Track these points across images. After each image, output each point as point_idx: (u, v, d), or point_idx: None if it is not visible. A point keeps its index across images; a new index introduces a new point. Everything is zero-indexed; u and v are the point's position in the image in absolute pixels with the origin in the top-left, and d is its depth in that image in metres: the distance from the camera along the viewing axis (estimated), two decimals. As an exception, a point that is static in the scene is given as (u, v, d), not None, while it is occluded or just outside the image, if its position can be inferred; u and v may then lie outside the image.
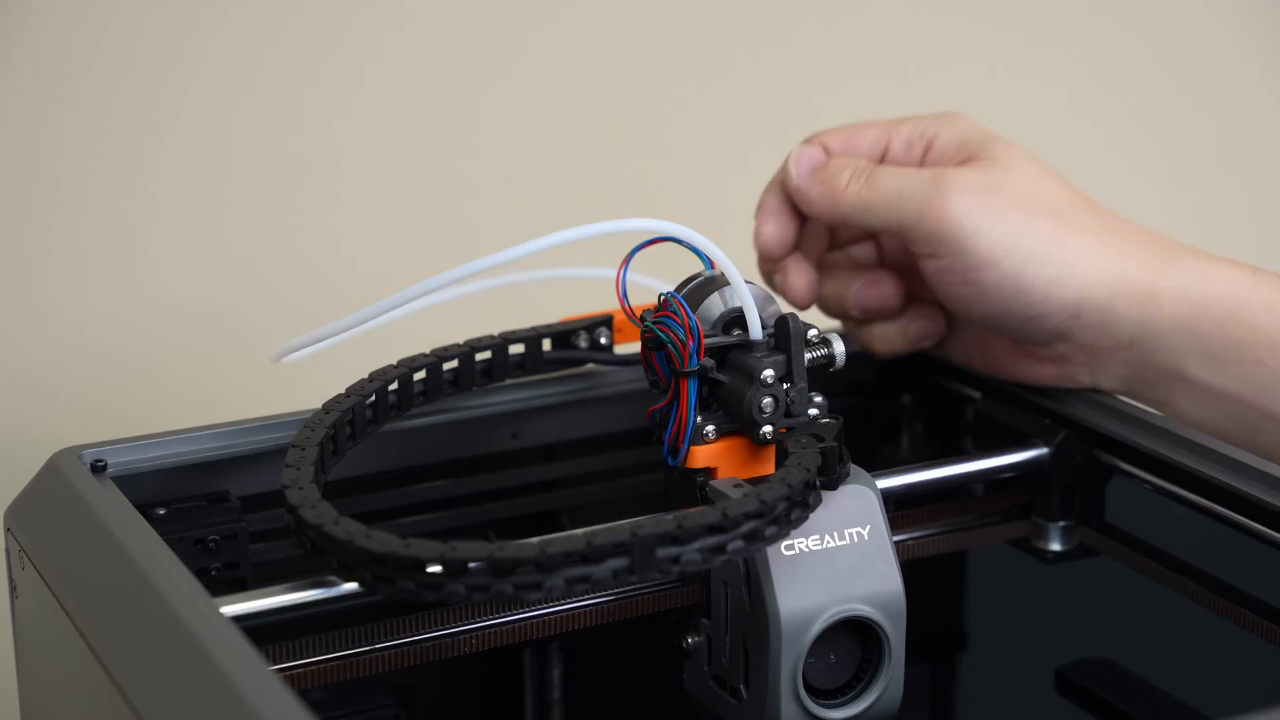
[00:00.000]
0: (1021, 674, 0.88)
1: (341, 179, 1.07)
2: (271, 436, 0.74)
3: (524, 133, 1.11)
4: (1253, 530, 0.72)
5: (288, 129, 1.05)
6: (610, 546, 0.60)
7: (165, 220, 1.03)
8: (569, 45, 1.12)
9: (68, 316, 1.01)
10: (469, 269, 0.68)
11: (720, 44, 1.16)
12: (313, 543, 0.63)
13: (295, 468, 0.66)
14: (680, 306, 0.69)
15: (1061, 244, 0.76)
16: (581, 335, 0.80)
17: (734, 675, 0.68)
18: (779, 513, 0.63)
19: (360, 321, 0.73)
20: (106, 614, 0.63)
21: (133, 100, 1.01)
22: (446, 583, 0.59)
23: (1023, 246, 0.76)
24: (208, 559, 0.72)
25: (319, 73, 1.06)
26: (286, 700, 0.55)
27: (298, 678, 0.67)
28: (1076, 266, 0.76)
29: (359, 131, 1.07)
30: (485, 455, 0.80)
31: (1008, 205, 0.77)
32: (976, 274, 0.76)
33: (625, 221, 0.68)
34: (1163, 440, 0.76)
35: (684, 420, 0.69)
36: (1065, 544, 0.80)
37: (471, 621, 0.70)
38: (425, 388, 0.75)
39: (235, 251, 1.05)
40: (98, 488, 0.69)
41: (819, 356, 0.71)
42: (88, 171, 1.01)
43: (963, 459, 0.80)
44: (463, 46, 1.09)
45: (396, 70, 1.08)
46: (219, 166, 1.04)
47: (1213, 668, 0.81)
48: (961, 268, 0.77)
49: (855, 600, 0.67)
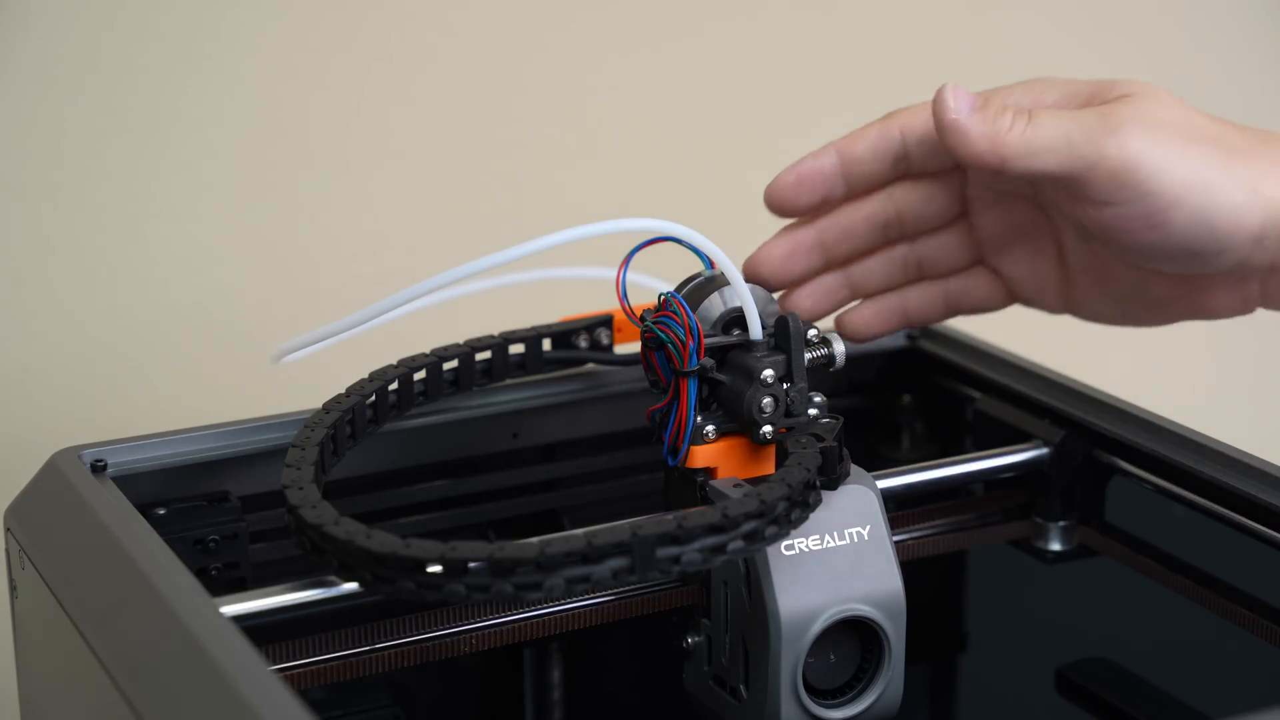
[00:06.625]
0: (1021, 674, 0.88)
1: (341, 179, 1.07)
2: (271, 436, 0.74)
3: (524, 133, 1.11)
4: (1253, 530, 0.72)
5: (288, 129, 1.05)
6: (610, 546, 0.60)
7: (165, 220, 1.03)
8: (569, 45, 1.12)
9: (68, 316, 1.01)
10: (469, 269, 0.68)
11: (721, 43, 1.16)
12: (313, 543, 0.63)
13: (295, 468, 0.66)
14: (680, 306, 0.69)
15: (1235, 170, 0.72)
16: (581, 335, 0.80)
17: (734, 675, 0.68)
18: (779, 513, 0.63)
19: (360, 321, 0.72)
20: (106, 614, 0.63)
21: (133, 100, 1.01)
22: (446, 583, 0.59)
23: (1204, 179, 0.71)
24: (208, 559, 0.72)
25: (319, 73, 1.06)
26: (286, 700, 0.55)
27: (298, 678, 0.67)
28: (1257, 190, 0.72)
29: (359, 132, 1.07)
30: (485, 455, 0.80)
31: (1179, 138, 0.72)
32: (1164, 215, 0.71)
33: (625, 221, 0.68)
34: (1163, 440, 0.76)
35: (684, 420, 0.69)
36: (1065, 544, 0.80)
37: (471, 621, 0.70)
38: (425, 388, 0.75)
39: (235, 251, 1.05)
40: (98, 488, 0.69)
41: (819, 356, 0.71)
42: (88, 171, 1.01)
43: (963, 459, 0.79)
44: (463, 47, 1.09)
45: (397, 70, 1.08)
46: (219, 166, 1.04)
47: (1213, 668, 0.81)
48: (1145, 212, 0.71)
49: (855, 600, 0.67)
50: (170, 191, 1.03)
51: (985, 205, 0.79)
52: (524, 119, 1.11)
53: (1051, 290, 0.80)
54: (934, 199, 0.79)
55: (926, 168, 0.78)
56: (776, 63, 1.17)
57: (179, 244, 1.04)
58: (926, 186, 0.79)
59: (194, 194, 1.04)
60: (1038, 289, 0.80)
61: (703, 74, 1.16)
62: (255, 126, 1.04)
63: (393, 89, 1.08)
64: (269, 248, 1.06)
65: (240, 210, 1.05)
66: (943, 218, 0.79)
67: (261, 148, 1.05)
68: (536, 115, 1.12)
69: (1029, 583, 0.86)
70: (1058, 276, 0.79)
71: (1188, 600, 0.76)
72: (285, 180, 1.06)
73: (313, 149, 1.06)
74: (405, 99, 1.08)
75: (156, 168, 1.03)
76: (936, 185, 0.79)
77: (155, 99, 1.02)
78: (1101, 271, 0.78)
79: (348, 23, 1.06)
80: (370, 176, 1.08)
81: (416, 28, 1.08)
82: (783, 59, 1.17)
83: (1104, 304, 0.79)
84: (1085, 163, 0.71)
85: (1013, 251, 0.80)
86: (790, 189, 0.77)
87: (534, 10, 1.11)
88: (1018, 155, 0.72)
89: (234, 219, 1.05)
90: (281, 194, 1.06)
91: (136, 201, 1.02)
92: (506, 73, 1.10)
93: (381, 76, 1.07)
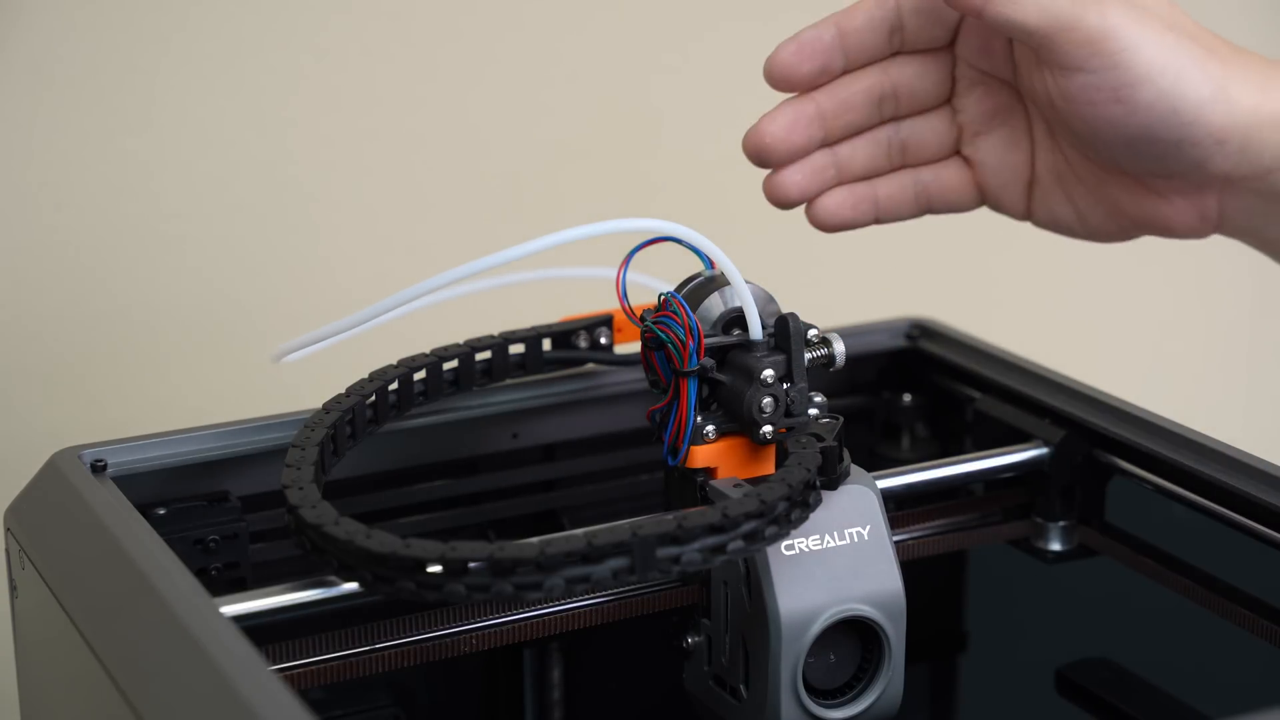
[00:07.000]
0: (1021, 674, 0.88)
1: (342, 179, 1.07)
2: (271, 436, 0.74)
3: (524, 132, 1.11)
4: (1253, 530, 0.72)
5: (288, 129, 1.05)
6: (610, 546, 0.60)
7: (165, 220, 1.03)
8: (570, 45, 1.12)
9: (68, 316, 1.02)
10: (469, 269, 0.68)
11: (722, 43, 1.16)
12: (313, 543, 0.63)
13: (295, 468, 0.66)
14: (680, 306, 0.69)
15: (1209, 66, 0.73)
16: (581, 335, 0.80)
17: (734, 675, 0.68)
18: (779, 513, 0.63)
19: (360, 321, 0.72)
20: (106, 614, 0.63)
21: (133, 100, 1.01)
22: (446, 583, 0.59)
23: (1178, 63, 0.73)
24: (207, 559, 0.72)
25: (320, 73, 1.06)
26: (286, 700, 0.55)
27: (298, 678, 0.67)
28: (1227, 90, 0.73)
29: (359, 131, 1.07)
30: (485, 455, 0.80)
31: (1160, 24, 0.73)
32: (1130, 90, 0.73)
33: (625, 221, 0.68)
34: (1163, 440, 0.76)
35: (684, 420, 0.69)
36: (1065, 544, 0.80)
37: (471, 621, 0.70)
38: (425, 388, 0.75)
39: (235, 251, 1.05)
40: (98, 488, 0.69)
41: (819, 356, 0.71)
42: (88, 171, 1.01)
43: (963, 459, 0.79)
44: (464, 48, 1.09)
45: (397, 70, 1.08)
46: (219, 166, 1.04)
47: (1213, 668, 0.81)
48: (1114, 83, 0.73)
49: (855, 600, 0.67)
50: (170, 191, 1.03)
51: (969, 85, 0.81)
52: (524, 119, 1.11)
53: (1017, 187, 0.81)
54: (927, 75, 0.80)
55: (920, 41, 0.80)
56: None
57: (179, 244, 1.04)
58: (920, 62, 0.80)
59: (194, 194, 1.04)
60: (1004, 183, 0.81)
61: (703, 74, 1.16)
62: (255, 126, 1.05)
63: (393, 89, 1.08)
64: (269, 248, 1.06)
65: (240, 210, 1.05)
66: (933, 96, 0.81)
67: (262, 148, 1.05)
68: (537, 115, 1.12)
69: (1029, 583, 0.86)
70: (1025, 172, 0.81)
71: (1188, 600, 0.76)
72: (285, 180, 1.06)
73: (313, 149, 1.06)
74: (406, 99, 1.08)
75: (156, 167, 1.03)
76: (929, 61, 0.80)
77: (155, 98, 1.02)
78: (1065, 171, 0.80)
79: (350, 23, 1.06)
80: (370, 176, 1.08)
81: (418, 29, 1.08)
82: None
83: (1064, 208, 0.80)
84: (1062, 23, 0.73)
85: (989, 138, 0.81)
86: (791, 57, 0.79)
87: (535, 11, 1.11)
88: (1003, 4, 0.73)
89: (234, 219, 1.05)
90: (282, 194, 1.06)
91: (136, 201, 1.03)
92: (507, 73, 1.10)
93: (382, 77, 1.07)
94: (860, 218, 0.81)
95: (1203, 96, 0.73)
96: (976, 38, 0.79)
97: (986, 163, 0.81)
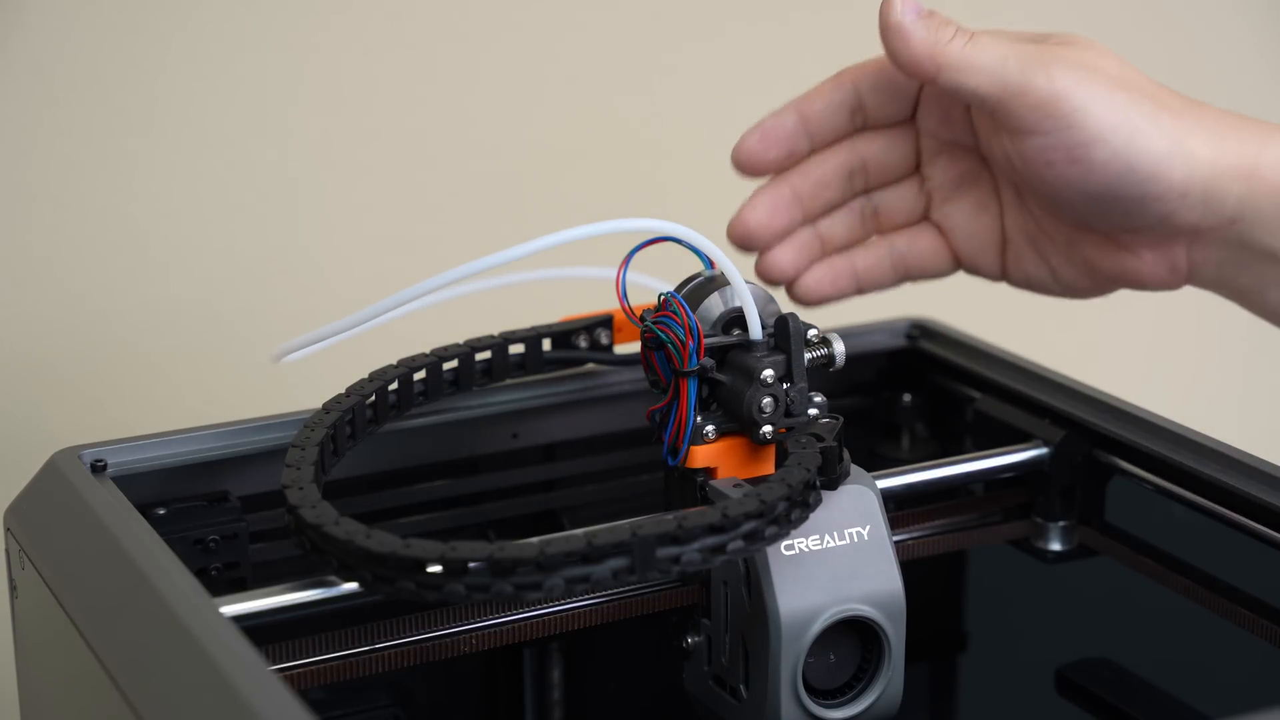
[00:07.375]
0: (1021, 674, 0.88)
1: (341, 179, 1.07)
2: (271, 436, 0.74)
3: (524, 132, 1.11)
4: (1253, 530, 0.72)
5: (288, 129, 1.05)
6: (610, 546, 0.60)
7: (165, 220, 1.03)
8: (570, 45, 1.12)
9: (68, 316, 1.02)
10: (469, 269, 0.68)
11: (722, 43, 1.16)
12: (313, 543, 0.63)
13: (295, 468, 0.66)
14: (680, 306, 0.69)
15: (1162, 120, 0.74)
16: (581, 335, 0.80)
17: (734, 675, 0.68)
18: (779, 513, 0.63)
19: (360, 321, 0.73)
20: (106, 614, 0.63)
21: (133, 100, 1.01)
22: (446, 583, 0.59)
23: (1131, 122, 0.74)
24: (207, 559, 0.72)
25: (320, 72, 1.06)
26: (286, 700, 0.55)
27: (298, 678, 0.67)
28: (1183, 143, 0.74)
29: (359, 131, 1.07)
30: (485, 455, 0.80)
31: (1109, 83, 0.74)
32: (1085, 150, 0.74)
33: (625, 221, 0.68)
34: (1163, 440, 0.76)
35: (684, 420, 0.69)
36: (1065, 544, 0.80)
37: (471, 621, 0.70)
38: (425, 388, 0.75)
39: (235, 251, 1.05)
40: (98, 488, 0.69)
41: (819, 356, 0.71)
42: (88, 171, 1.01)
43: (963, 459, 0.80)
44: (464, 48, 1.09)
45: (397, 70, 1.08)
46: (219, 166, 1.04)
47: (1213, 668, 0.81)
48: (1068, 144, 0.74)
49: (855, 600, 0.67)
50: (170, 191, 1.03)
51: (933, 154, 0.82)
52: (524, 119, 1.11)
53: (990, 249, 0.83)
54: (893, 148, 0.82)
55: (882, 118, 0.82)
56: (777, 65, 1.17)
57: (179, 244, 1.04)
58: (885, 136, 0.82)
59: (194, 194, 1.04)
60: (977, 246, 0.83)
61: (703, 74, 1.16)
62: (255, 126, 1.05)
63: (393, 89, 1.08)
64: (269, 247, 1.06)
65: (241, 210, 1.05)
66: (901, 168, 0.83)
67: (262, 148, 1.05)
68: (537, 115, 1.12)
69: (1029, 583, 0.86)
70: (996, 234, 0.82)
71: (1188, 600, 0.76)
72: (285, 180, 1.06)
73: (313, 149, 1.06)
74: (406, 99, 1.08)
75: (157, 167, 1.03)
76: (893, 135, 0.82)
77: (156, 98, 1.02)
78: (1035, 231, 0.81)
79: (350, 24, 1.06)
80: (370, 176, 1.08)
81: (418, 29, 1.08)
82: (784, 61, 1.17)
83: (1038, 267, 0.82)
84: (1012, 89, 0.74)
85: (958, 203, 0.83)
86: (756, 145, 0.81)
87: (535, 11, 1.11)
88: (953, 67, 0.75)
89: (234, 219, 1.05)
90: (282, 194, 1.06)
91: (137, 201, 1.03)
92: (507, 73, 1.10)
93: (382, 77, 1.07)
94: (841, 292, 0.83)
95: (1159, 151, 0.74)
96: (937, 108, 0.81)
97: (957, 227, 0.83)
